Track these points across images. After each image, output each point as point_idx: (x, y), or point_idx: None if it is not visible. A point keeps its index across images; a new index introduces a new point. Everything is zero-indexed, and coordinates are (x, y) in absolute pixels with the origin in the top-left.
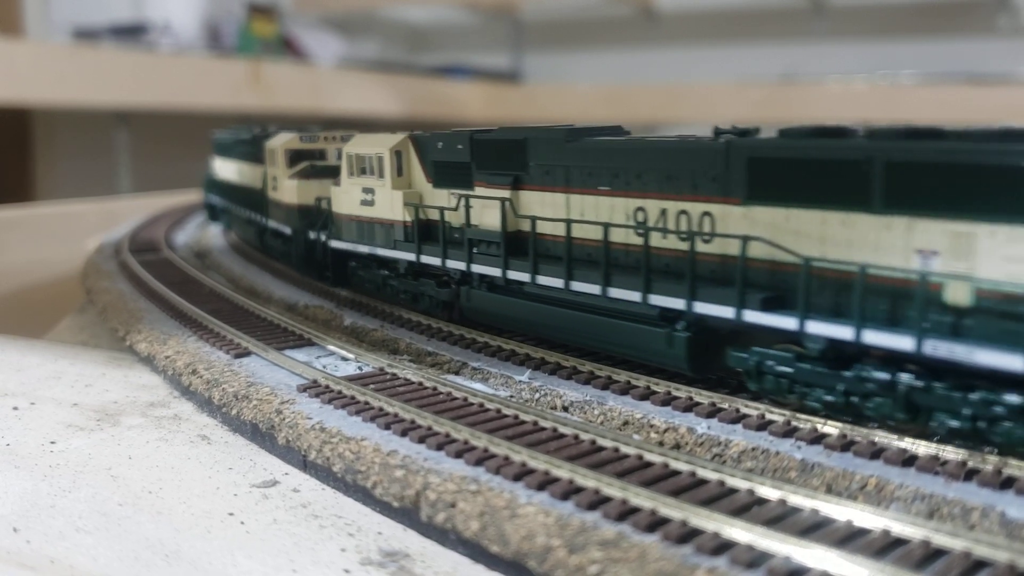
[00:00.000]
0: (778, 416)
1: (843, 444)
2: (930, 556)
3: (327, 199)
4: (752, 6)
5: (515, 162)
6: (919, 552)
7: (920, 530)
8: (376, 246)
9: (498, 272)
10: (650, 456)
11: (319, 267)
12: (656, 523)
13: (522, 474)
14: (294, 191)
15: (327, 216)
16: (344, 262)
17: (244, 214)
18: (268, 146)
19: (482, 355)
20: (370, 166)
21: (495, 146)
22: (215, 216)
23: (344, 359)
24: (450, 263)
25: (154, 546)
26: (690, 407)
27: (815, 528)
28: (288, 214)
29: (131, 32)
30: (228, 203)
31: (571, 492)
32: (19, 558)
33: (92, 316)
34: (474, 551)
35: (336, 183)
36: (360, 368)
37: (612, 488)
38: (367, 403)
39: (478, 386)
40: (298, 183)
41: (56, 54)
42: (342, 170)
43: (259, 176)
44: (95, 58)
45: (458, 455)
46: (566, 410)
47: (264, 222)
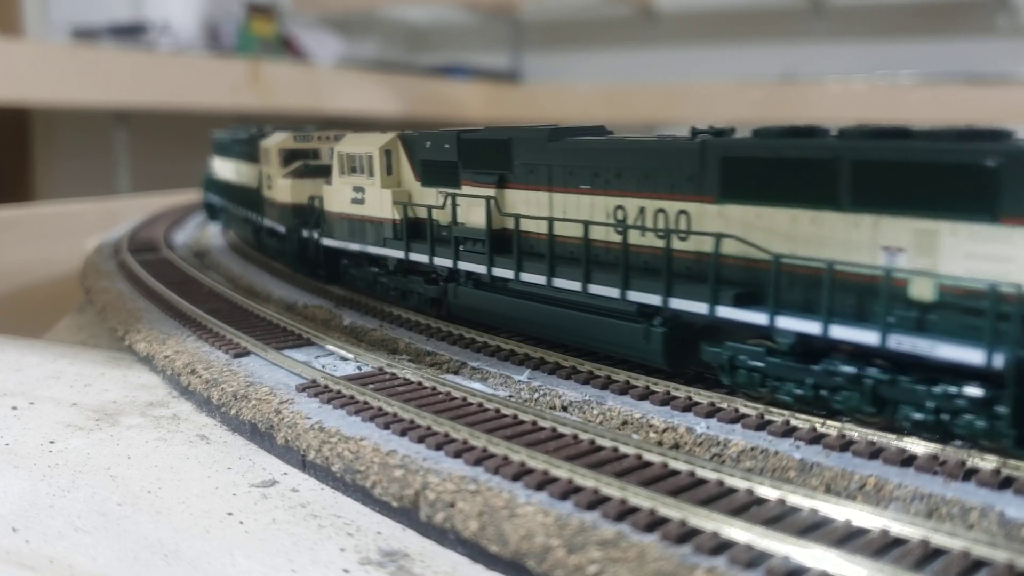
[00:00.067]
0: (777, 416)
1: (842, 444)
2: (929, 556)
3: (319, 198)
4: (752, 6)
5: (500, 161)
6: (918, 552)
7: (919, 530)
8: (366, 244)
9: (483, 269)
10: (649, 456)
11: (312, 265)
12: (655, 523)
13: (521, 474)
14: (288, 190)
15: (319, 214)
16: (336, 260)
17: (241, 213)
18: (263, 146)
19: (481, 355)
20: (360, 165)
21: (481, 145)
22: (214, 215)
23: (343, 359)
24: (437, 260)
25: (153, 546)
26: (689, 407)
27: (814, 528)
28: (282, 213)
29: (130, 32)
30: (226, 202)
31: (570, 492)
32: (18, 558)
33: (91, 316)
34: (473, 551)
35: (328, 182)
36: (359, 368)
37: (611, 488)
38: (366, 403)
39: (477, 386)
40: (292, 182)
41: (55, 54)
42: (333, 169)
43: (255, 175)
44: (94, 58)
45: (457, 455)
46: (565, 410)
47: (260, 221)
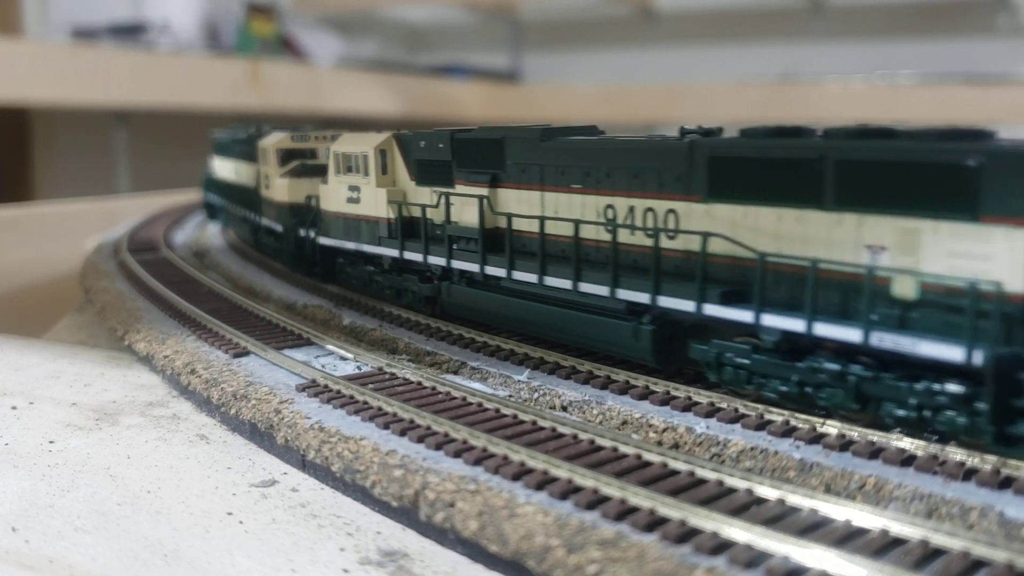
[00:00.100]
0: (777, 416)
1: (842, 444)
2: (929, 556)
3: (316, 197)
4: (751, 6)
5: (493, 161)
6: (918, 552)
7: (919, 530)
8: (362, 242)
9: (476, 268)
10: (649, 456)
11: (309, 263)
12: (655, 523)
13: (521, 473)
14: (285, 189)
15: (316, 213)
16: (332, 258)
17: (240, 212)
18: (261, 145)
19: (481, 354)
20: (356, 164)
21: (474, 145)
22: (213, 214)
23: (343, 358)
24: (431, 259)
25: (153, 545)
26: (689, 407)
27: (814, 528)
28: (279, 212)
29: (130, 32)
30: (225, 202)
31: (570, 492)
32: (18, 557)
33: (91, 315)
34: (473, 550)
35: (324, 181)
36: (359, 367)
37: (611, 488)
38: (366, 402)
39: (477, 385)
40: (289, 181)
41: (55, 54)
42: (329, 169)
43: (253, 175)
44: (94, 58)
45: (457, 454)
46: (565, 409)
47: (258, 220)
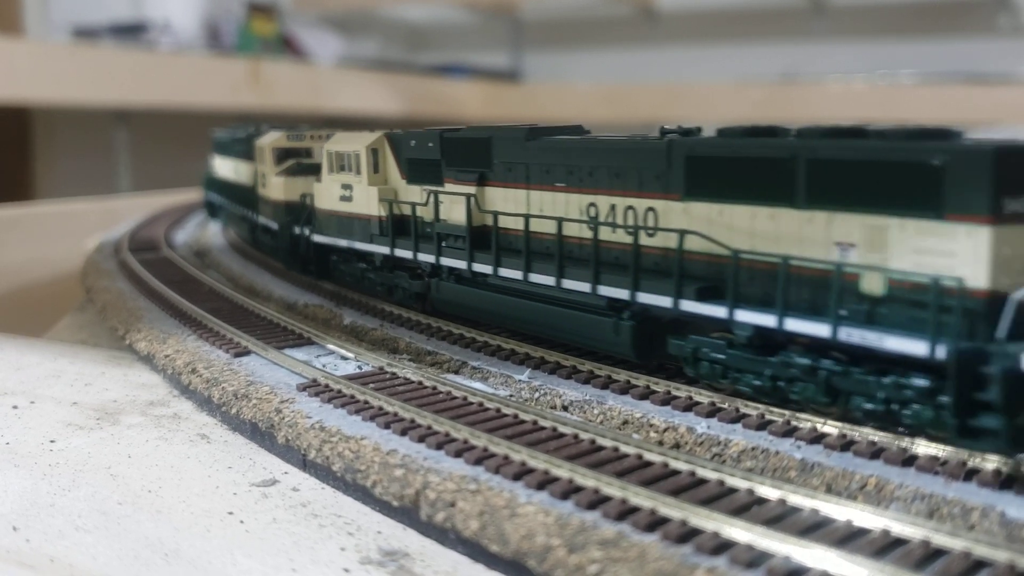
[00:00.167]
0: (778, 416)
1: (843, 444)
2: (930, 556)
3: (311, 195)
4: (752, 6)
5: (481, 160)
6: (919, 552)
7: (920, 530)
8: (354, 240)
9: (464, 265)
10: (649, 455)
11: (303, 261)
12: (656, 523)
13: (522, 473)
14: (281, 188)
15: (310, 211)
16: (326, 256)
17: (239, 211)
18: (257, 144)
19: (482, 354)
20: (348, 163)
21: (462, 144)
22: (214, 213)
23: (344, 358)
24: (421, 256)
25: (153, 545)
26: (690, 406)
27: (815, 528)
28: (275, 210)
29: (131, 31)
30: (225, 200)
31: (571, 491)
32: (19, 557)
33: (92, 315)
34: (474, 550)
35: (318, 180)
36: (360, 367)
37: (612, 487)
38: (367, 402)
39: (478, 385)
40: (284, 180)
41: (56, 53)
42: (323, 167)
43: (252, 174)
44: (95, 57)
45: (458, 454)
46: (566, 409)
47: (255, 218)
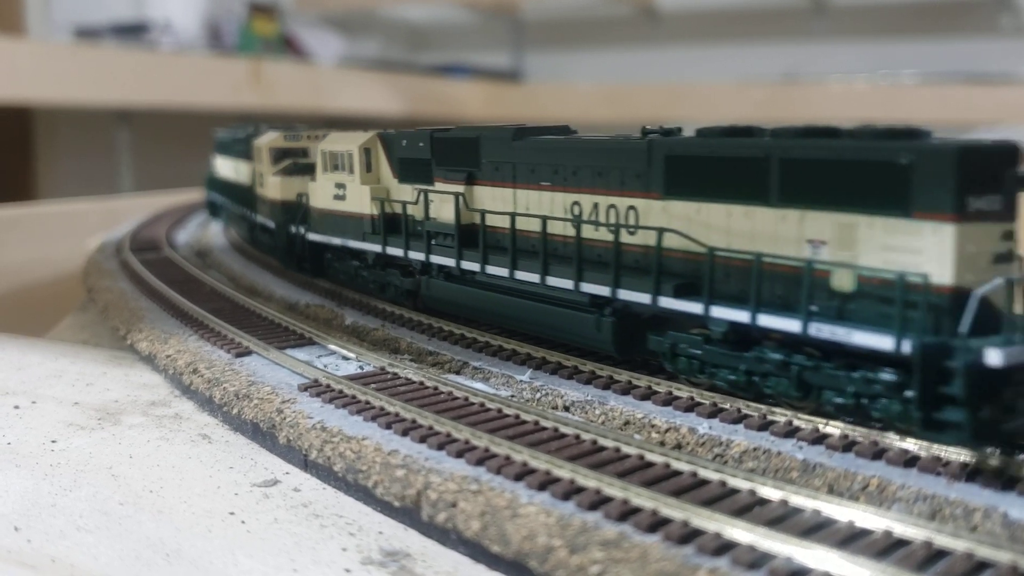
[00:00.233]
0: (780, 417)
1: (845, 445)
2: (932, 557)
3: (306, 195)
4: (753, 6)
5: (469, 159)
6: (921, 553)
7: (922, 531)
8: (348, 238)
9: (453, 262)
10: (651, 456)
11: (299, 259)
12: (657, 523)
13: (523, 474)
14: (277, 187)
15: (305, 210)
16: (321, 254)
17: (238, 210)
18: (255, 144)
19: (483, 355)
20: (342, 162)
21: (452, 144)
22: (215, 213)
23: (345, 358)
24: (412, 254)
25: (155, 545)
26: (692, 407)
27: (817, 529)
28: (272, 209)
29: (132, 31)
30: (226, 200)
31: (572, 492)
32: (20, 557)
33: (93, 315)
34: (475, 551)
35: (313, 179)
36: (361, 367)
37: (613, 488)
38: (368, 403)
39: (479, 386)
40: (281, 179)
41: (57, 53)
42: (317, 167)
43: (250, 173)
44: (96, 57)
45: (459, 455)
46: (567, 410)
47: (254, 217)
